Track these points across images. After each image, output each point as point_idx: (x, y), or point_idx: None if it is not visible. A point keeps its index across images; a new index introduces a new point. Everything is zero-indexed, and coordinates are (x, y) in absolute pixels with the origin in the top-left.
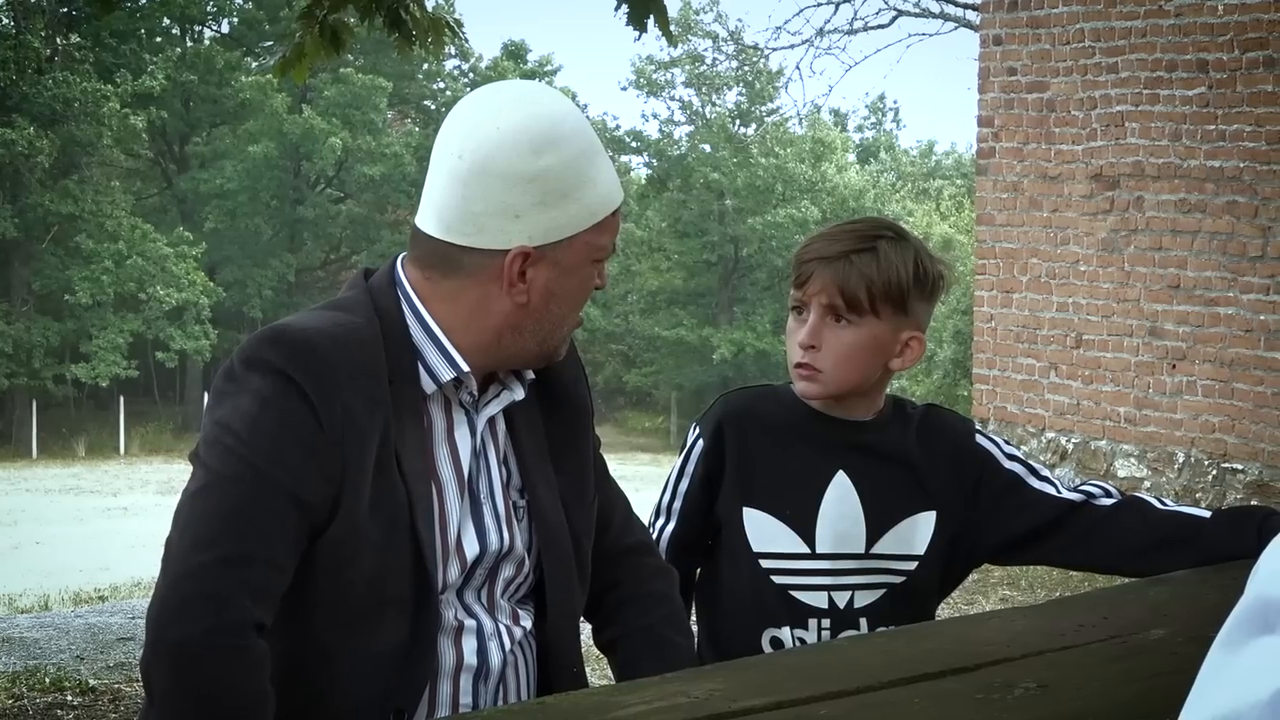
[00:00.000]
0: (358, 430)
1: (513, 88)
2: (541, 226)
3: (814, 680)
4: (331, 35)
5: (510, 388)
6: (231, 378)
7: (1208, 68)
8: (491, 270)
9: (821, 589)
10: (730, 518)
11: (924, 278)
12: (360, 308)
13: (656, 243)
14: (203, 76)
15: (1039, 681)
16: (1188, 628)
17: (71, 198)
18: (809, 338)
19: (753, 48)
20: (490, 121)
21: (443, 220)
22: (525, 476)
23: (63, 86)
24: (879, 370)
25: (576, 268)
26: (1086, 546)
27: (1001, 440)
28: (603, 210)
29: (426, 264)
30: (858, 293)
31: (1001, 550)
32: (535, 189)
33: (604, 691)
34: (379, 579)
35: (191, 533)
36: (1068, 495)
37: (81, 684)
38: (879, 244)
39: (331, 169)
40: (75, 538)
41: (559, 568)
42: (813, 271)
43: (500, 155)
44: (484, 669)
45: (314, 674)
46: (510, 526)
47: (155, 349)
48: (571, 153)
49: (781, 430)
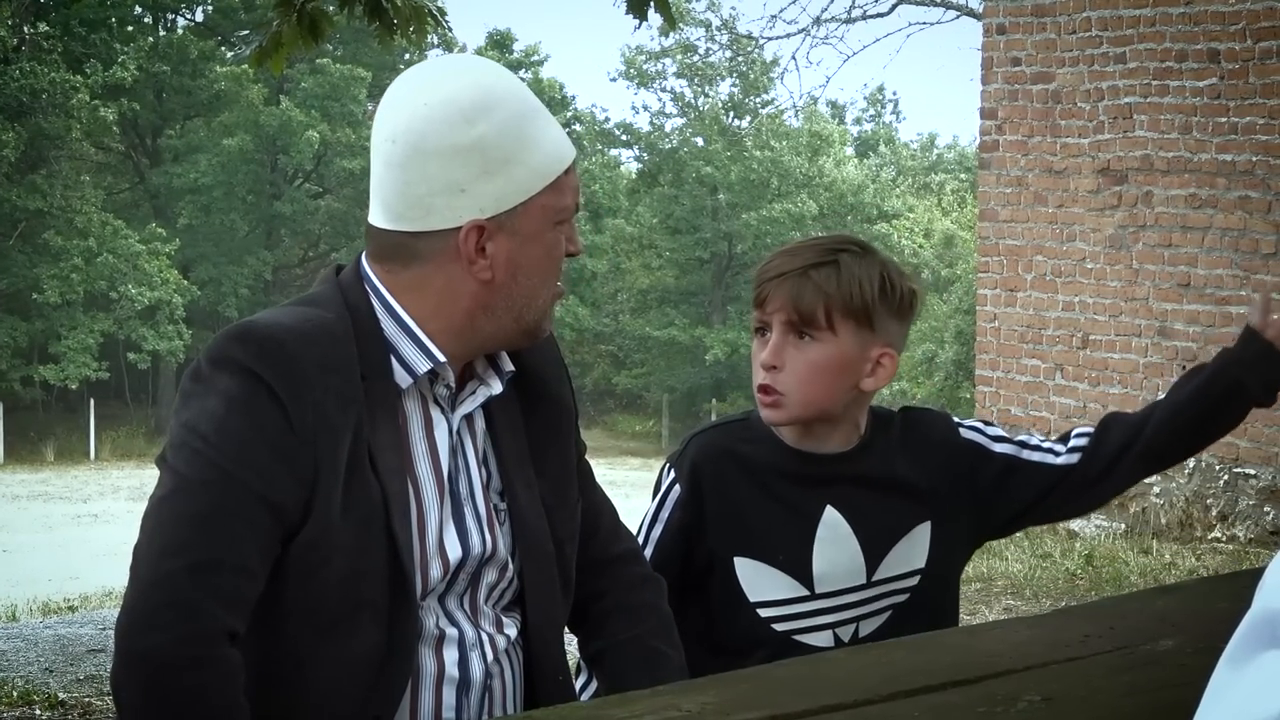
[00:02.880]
0: (330, 429)
1: (437, 63)
2: (490, 197)
3: (810, 693)
4: (310, 24)
5: (488, 383)
6: (199, 378)
7: (1219, 58)
8: (449, 251)
9: (825, 628)
10: (722, 568)
11: (891, 293)
12: (331, 303)
13: (647, 239)
14: (176, 67)
15: (1043, 694)
16: (1196, 638)
17: (39, 193)
18: (771, 357)
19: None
20: (417, 99)
21: (390, 210)
22: (505, 478)
23: (30, 77)
24: (849, 391)
25: (538, 234)
26: (1093, 486)
27: (982, 424)
28: (553, 170)
29: (385, 257)
30: (816, 308)
31: (1010, 523)
32: (475, 159)
33: (593, 705)
34: (353, 582)
35: (160, 539)
36: (1064, 460)
37: (50, 697)
38: (841, 258)
39: (310, 163)
40: (44, 546)
41: (540, 574)
42: (771, 290)
43: (432, 131)
44: (466, 680)
45: (288, 682)
46: (492, 529)
47: (127, 350)
48: (506, 115)
49: (761, 471)
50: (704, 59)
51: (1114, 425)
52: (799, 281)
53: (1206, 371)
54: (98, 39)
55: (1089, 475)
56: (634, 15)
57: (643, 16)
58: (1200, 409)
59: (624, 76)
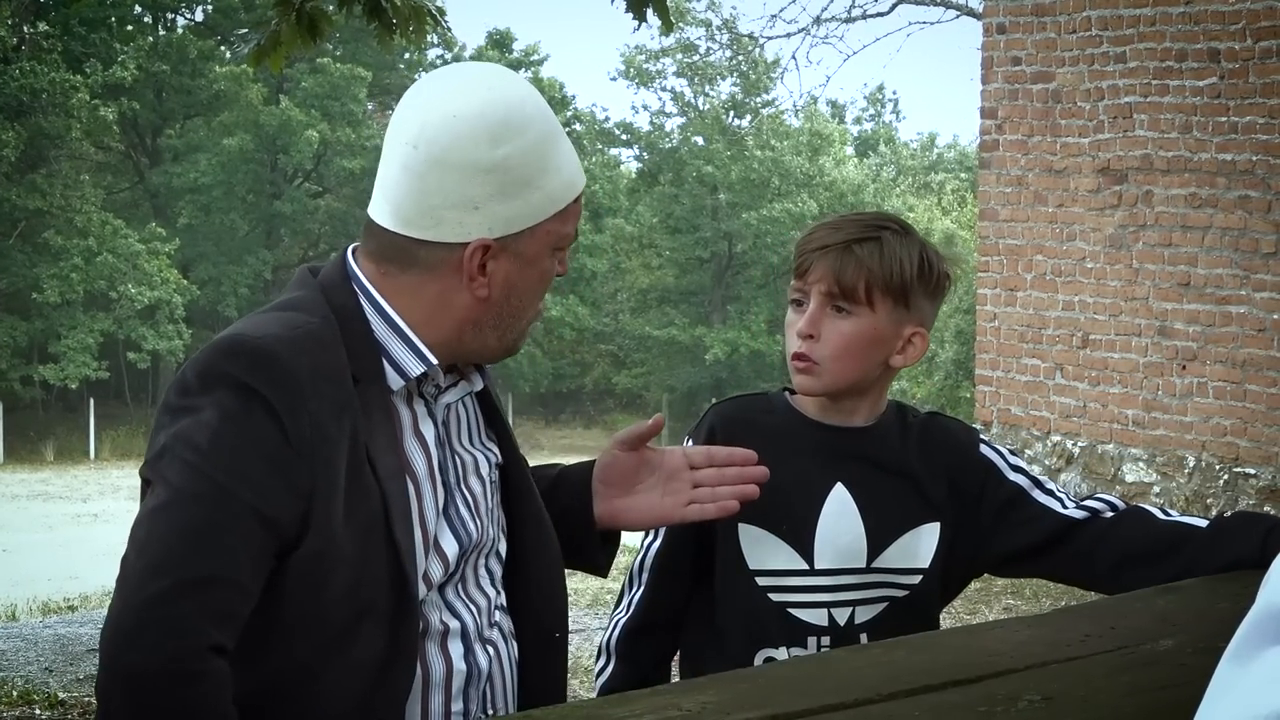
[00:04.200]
0: (327, 439)
1: (467, 71)
2: (502, 218)
3: (810, 693)
4: (309, 23)
5: (469, 378)
6: (187, 392)
7: (1219, 57)
8: (451, 264)
9: (821, 605)
10: (725, 534)
11: (929, 273)
12: (314, 306)
13: (647, 239)
14: (175, 66)
15: (1043, 694)
16: (1196, 638)
17: (39, 192)
18: (808, 326)
19: (747, 36)
20: (445, 109)
21: (399, 213)
22: (482, 454)
23: (30, 77)
24: (879, 366)
25: (538, 258)
26: (1088, 564)
27: (1007, 451)
28: (565, 197)
29: (382, 257)
30: (857, 282)
31: (1002, 563)
32: (495, 179)
33: (592, 705)
34: (356, 590)
35: (150, 553)
36: (1072, 512)
37: (50, 697)
38: (883, 234)
39: (309, 162)
40: (44, 545)
41: (533, 525)
42: (814, 261)
43: (457, 145)
44: (473, 673)
45: (297, 697)
46: (480, 512)
47: (127, 349)
48: (532, 140)
49: (777, 440)
50: (704, 58)
51: (1138, 524)
52: (842, 255)
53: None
54: (97, 38)
55: (1086, 541)
56: (634, 16)
57: (642, 17)
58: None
59: (624, 76)
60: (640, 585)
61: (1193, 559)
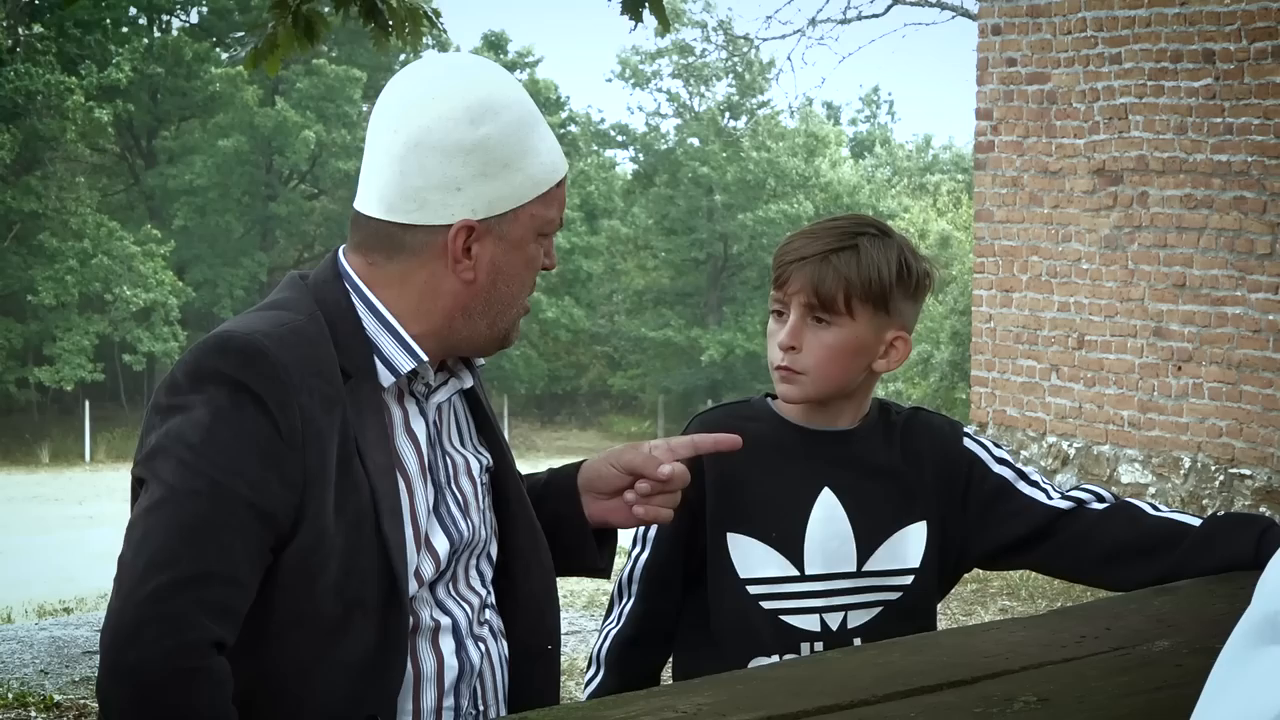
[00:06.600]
0: (317, 432)
1: (446, 59)
2: (485, 198)
3: (806, 694)
4: (305, 25)
5: (459, 375)
6: (177, 391)
7: (1214, 58)
8: (436, 247)
9: (813, 611)
10: (715, 543)
11: (908, 276)
12: (300, 305)
13: (643, 240)
14: (171, 68)
15: (1039, 695)
16: (1192, 639)
17: (34, 194)
18: (789, 338)
19: (743, 38)
20: (425, 93)
21: (383, 199)
22: (473, 456)
23: (25, 79)
24: (862, 372)
25: (522, 242)
26: (1075, 555)
27: (991, 444)
28: (547, 180)
29: (369, 248)
30: (836, 293)
31: (990, 557)
32: (476, 159)
33: (590, 706)
34: (345, 584)
35: (147, 551)
36: (1058, 502)
37: (46, 699)
38: (860, 241)
39: (305, 164)
40: (39, 548)
41: (525, 534)
42: (792, 272)
43: (437, 126)
44: (465, 669)
45: (291, 691)
46: (470, 512)
47: (122, 351)
48: (511, 120)
49: (762, 447)
50: (700, 60)
51: (1122, 514)
52: (820, 265)
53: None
54: (92, 40)
55: (1073, 532)
56: (630, 17)
57: (637, 18)
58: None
59: (619, 77)
60: (630, 596)
61: (1185, 558)
